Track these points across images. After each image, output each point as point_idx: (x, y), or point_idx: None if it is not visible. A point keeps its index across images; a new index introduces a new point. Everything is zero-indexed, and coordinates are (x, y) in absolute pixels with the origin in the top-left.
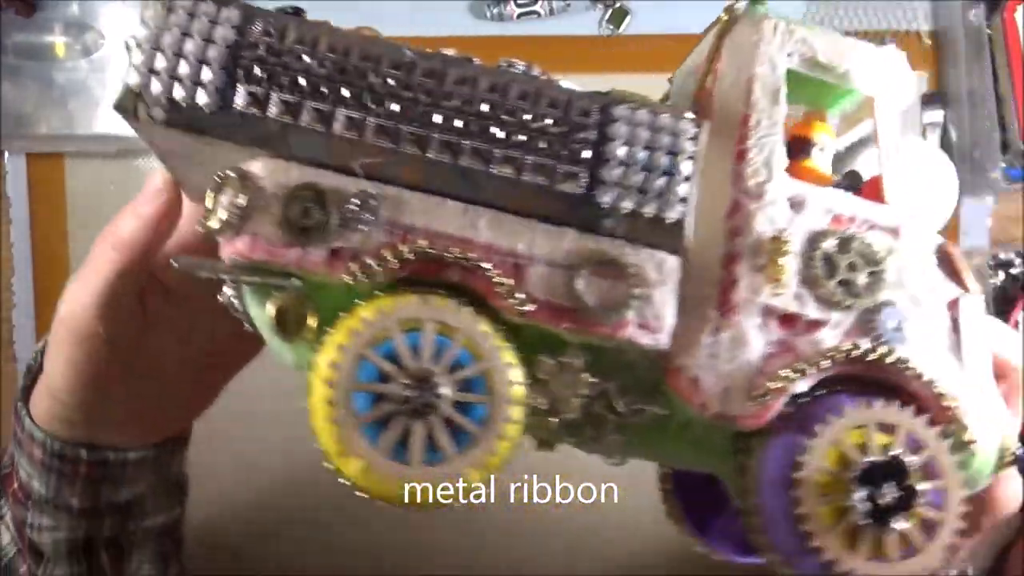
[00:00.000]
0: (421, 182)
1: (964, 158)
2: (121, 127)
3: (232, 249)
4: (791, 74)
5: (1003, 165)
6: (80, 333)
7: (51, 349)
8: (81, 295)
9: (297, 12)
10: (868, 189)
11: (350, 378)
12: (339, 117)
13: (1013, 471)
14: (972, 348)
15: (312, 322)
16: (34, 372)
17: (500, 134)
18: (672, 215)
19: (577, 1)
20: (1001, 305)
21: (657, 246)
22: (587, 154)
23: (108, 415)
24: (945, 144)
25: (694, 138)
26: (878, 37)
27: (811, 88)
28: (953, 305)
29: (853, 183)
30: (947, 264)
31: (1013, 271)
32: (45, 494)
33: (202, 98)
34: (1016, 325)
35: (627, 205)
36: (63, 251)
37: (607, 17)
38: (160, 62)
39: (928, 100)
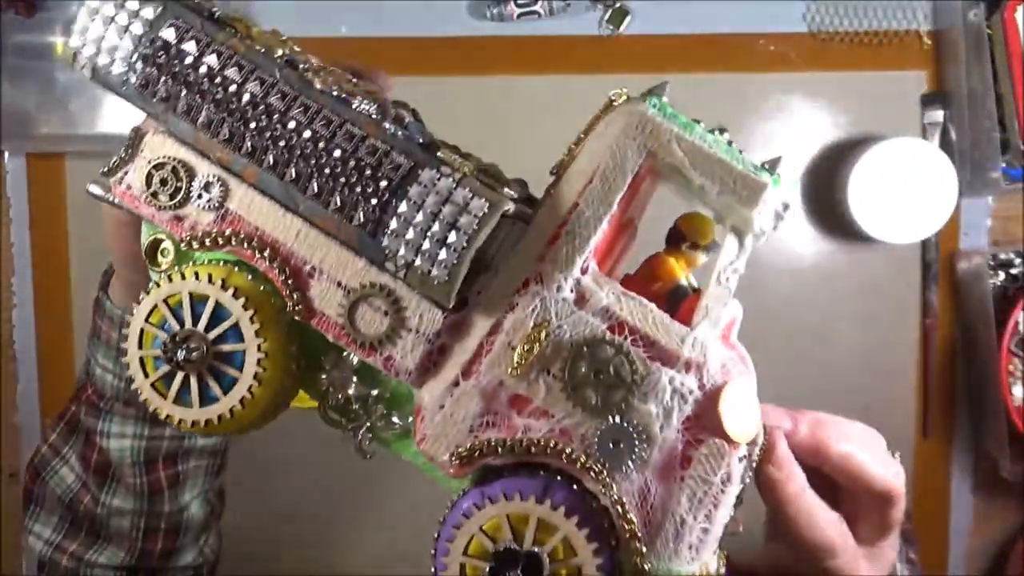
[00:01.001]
0: (256, 184)
1: (964, 158)
2: (121, 127)
3: (114, 190)
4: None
5: (1003, 165)
6: (116, 221)
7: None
8: None
9: (212, 16)
10: (686, 306)
11: (143, 318)
12: (202, 115)
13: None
14: (693, 488)
15: (164, 262)
16: (109, 273)
17: (318, 164)
18: (440, 277)
19: (577, 1)
20: (1001, 305)
21: (427, 298)
22: (381, 202)
23: None
24: (945, 144)
25: (482, 218)
26: (875, 39)
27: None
28: (695, 445)
29: (678, 296)
30: (711, 407)
31: (1013, 271)
32: (118, 385)
33: (116, 69)
34: (1016, 325)
35: (402, 256)
36: (63, 251)
37: (607, 17)
38: (93, 34)
39: (928, 100)
